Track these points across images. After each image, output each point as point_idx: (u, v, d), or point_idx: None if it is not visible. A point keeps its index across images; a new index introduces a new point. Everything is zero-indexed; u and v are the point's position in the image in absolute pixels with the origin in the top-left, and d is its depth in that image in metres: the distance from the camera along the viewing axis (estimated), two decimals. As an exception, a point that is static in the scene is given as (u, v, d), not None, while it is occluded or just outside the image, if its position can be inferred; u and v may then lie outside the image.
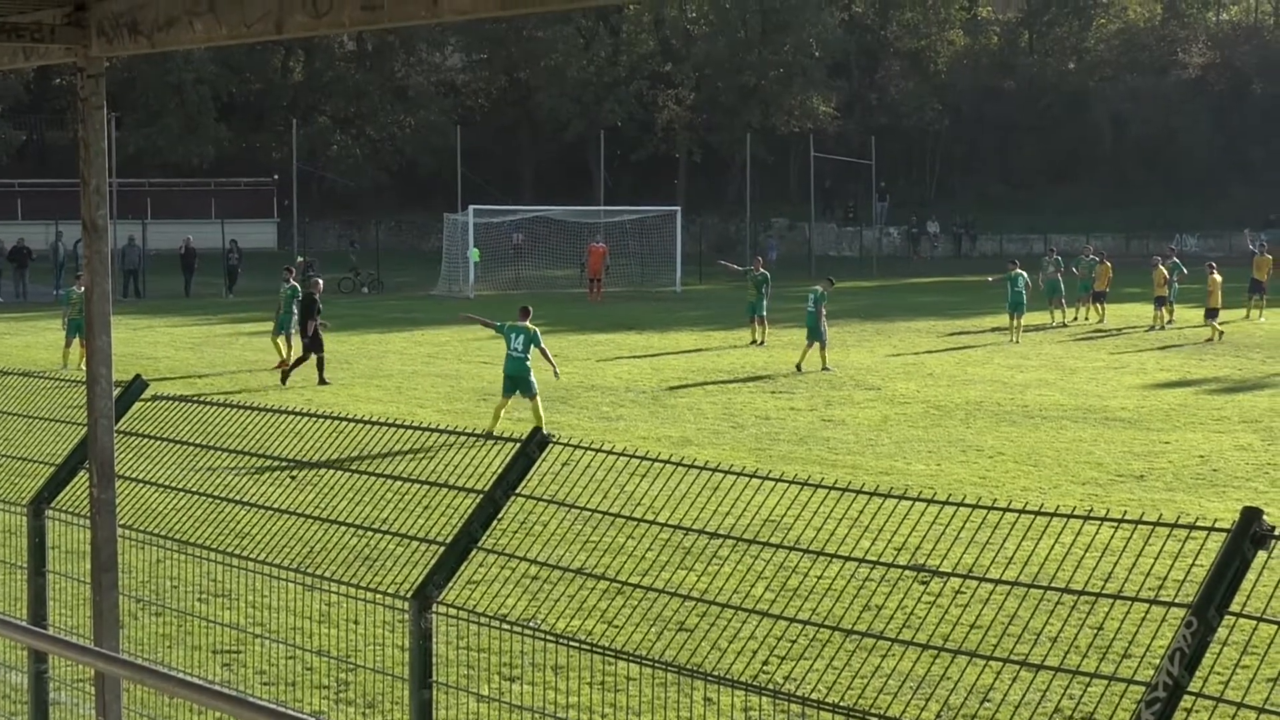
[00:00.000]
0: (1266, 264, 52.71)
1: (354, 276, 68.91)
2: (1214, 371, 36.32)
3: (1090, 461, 24.00)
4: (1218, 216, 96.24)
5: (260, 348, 42.26)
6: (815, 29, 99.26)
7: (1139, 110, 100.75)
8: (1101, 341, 44.17)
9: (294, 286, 38.51)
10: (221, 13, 6.64)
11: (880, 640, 7.33)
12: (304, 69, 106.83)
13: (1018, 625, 11.44)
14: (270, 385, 33.98)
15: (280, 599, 11.04)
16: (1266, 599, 6.09)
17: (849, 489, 6.99)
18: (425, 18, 5.89)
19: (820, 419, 28.69)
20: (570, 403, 30.93)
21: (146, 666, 5.74)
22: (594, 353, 40.81)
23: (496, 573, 11.52)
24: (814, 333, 36.97)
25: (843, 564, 7.36)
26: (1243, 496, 20.70)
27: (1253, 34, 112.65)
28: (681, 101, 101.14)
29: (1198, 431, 26.96)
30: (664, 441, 25.92)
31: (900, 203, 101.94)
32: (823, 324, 36.97)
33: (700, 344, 43.38)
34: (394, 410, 29.02)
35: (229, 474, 10.26)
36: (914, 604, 13.53)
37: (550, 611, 12.31)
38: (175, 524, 10.07)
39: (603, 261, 65.34)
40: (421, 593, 7.88)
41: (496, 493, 7.98)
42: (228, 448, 9.94)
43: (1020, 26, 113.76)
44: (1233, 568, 5.55)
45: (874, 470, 22.96)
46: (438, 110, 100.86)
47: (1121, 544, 6.81)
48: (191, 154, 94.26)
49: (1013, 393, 32.36)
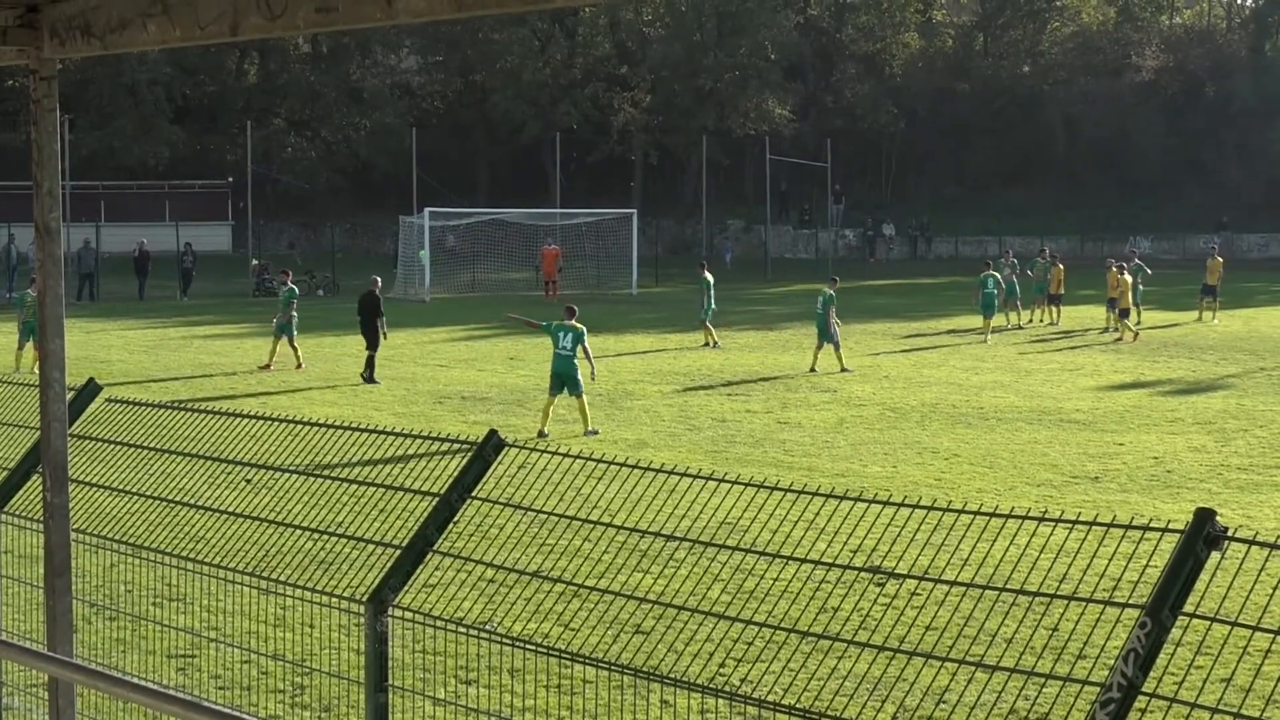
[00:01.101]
0: (1218, 267, 53.19)
1: (309, 279, 68.70)
2: (1168, 373, 36.52)
3: (1045, 463, 24.10)
4: (1171, 218, 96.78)
5: (214, 350, 42.12)
6: (771, 32, 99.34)
7: (1093, 112, 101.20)
8: (1056, 344, 44.36)
9: (292, 289, 39.48)
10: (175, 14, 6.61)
11: (836, 642, 7.35)
12: (259, 71, 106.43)
13: (973, 626, 11.47)
14: (226, 388, 33.83)
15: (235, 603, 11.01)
16: (1220, 600, 6.12)
17: (805, 491, 7.00)
18: (380, 19, 5.87)
19: (776, 421, 28.74)
20: (526, 405, 30.90)
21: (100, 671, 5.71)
22: (550, 355, 40.75)
23: (452, 576, 11.50)
24: (824, 334, 37.19)
25: (799, 566, 7.37)
26: (1196, 498, 20.82)
27: (1205, 37, 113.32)
28: (637, 104, 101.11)
29: (1152, 433, 27.10)
30: (620, 444, 25.93)
31: (856, 205, 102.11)
32: (833, 324, 37.19)
33: (656, 346, 43.41)
34: (349, 413, 28.95)
35: (184, 478, 10.22)
36: (870, 606, 13.56)
37: (507, 615, 12.30)
38: (129, 528, 10.02)
39: (556, 263, 65.62)
40: (377, 596, 7.87)
41: (452, 496, 7.96)
42: (182, 451, 9.90)
43: (975, 29, 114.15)
44: (1186, 569, 5.57)
45: (830, 472, 23.01)
46: (393, 112, 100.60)
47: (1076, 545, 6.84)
48: (145, 156, 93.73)
49: (968, 395, 32.47)
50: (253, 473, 9.74)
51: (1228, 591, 6.19)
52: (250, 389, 33.64)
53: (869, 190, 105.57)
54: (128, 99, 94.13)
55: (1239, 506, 20.42)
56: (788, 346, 42.95)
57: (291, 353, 38.11)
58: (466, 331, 48.01)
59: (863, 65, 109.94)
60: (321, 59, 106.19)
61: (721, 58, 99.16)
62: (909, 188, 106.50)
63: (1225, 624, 6.01)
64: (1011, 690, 11.16)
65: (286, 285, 39.86)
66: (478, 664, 12.11)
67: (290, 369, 37.45)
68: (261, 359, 38.60)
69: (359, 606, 8.04)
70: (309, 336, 46.35)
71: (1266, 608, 6.96)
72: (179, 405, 10.17)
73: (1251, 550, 5.73)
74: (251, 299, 64.81)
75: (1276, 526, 18.91)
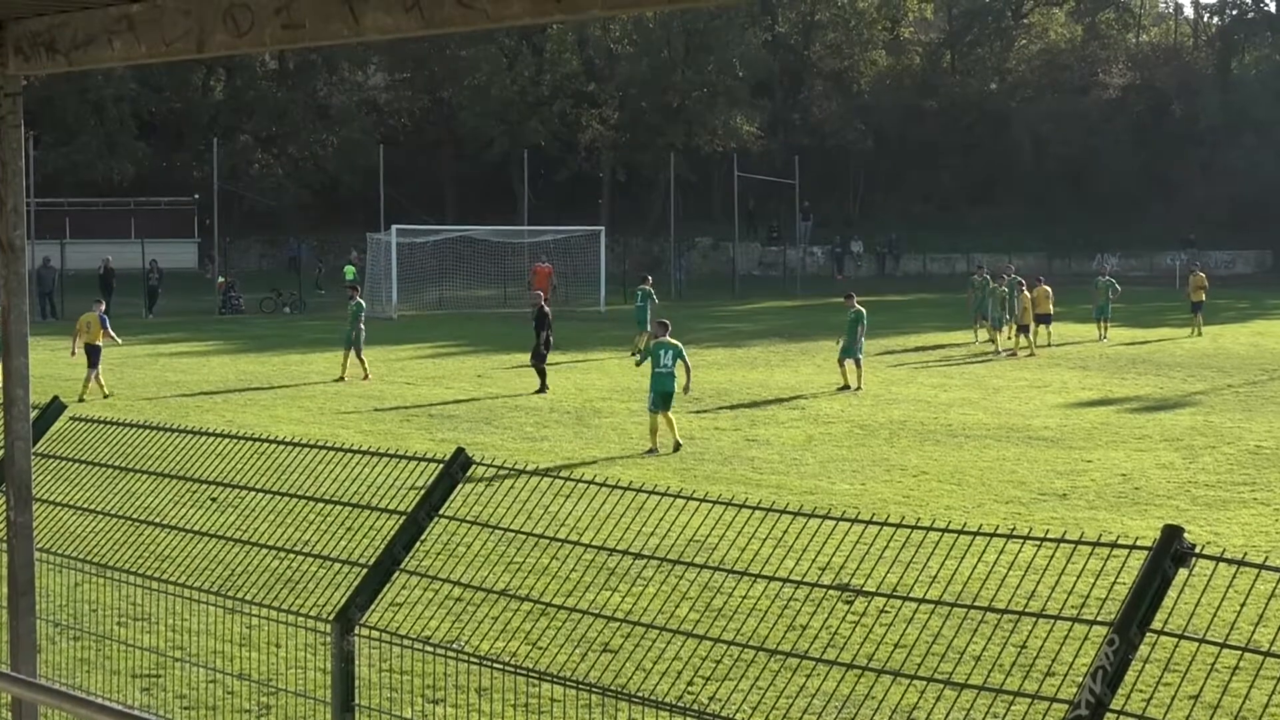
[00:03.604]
0: (1202, 282, 53.68)
1: (275, 296, 68.59)
2: (1135, 390, 36.64)
3: (1013, 480, 24.15)
4: (1139, 236, 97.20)
5: (180, 369, 42.01)
6: (738, 49, 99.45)
7: (1060, 130, 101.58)
8: (1024, 361, 44.47)
9: (359, 303, 41.10)
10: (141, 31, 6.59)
11: (805, 660, 7.35)
12: (225, 87, 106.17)
13: (941, 644, 11.48)
14: (191, 406, 33.73)
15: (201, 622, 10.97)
16: (1187, 617, 6.14)
17: (773, 509, 7.01)
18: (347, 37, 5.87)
19: (744, 439, 28.75)
20: (494, 423, 30.87)
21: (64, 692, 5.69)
22: (518, 372, 40.77)
23: (420, 594, 11.48)
24: (850, 350, 37.28)
25: (767, 584, 7.38)
26: (1164, 515, 20.89)
27: (1172, 55, 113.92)
28: (605, 121, 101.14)
29: (1120, 450, 27.18)
30: (588, 461, 25.91)
31: (824, 222, 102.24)
32: (860, 341, 37.48)
33: (624, 364, 43.41)
34: (316, 431, 28.88)
35: (149, 496, 10.19)
36: (838, 623, 13.57)
37: (474, 633, 12.27)
38: (94, 547, 9.98)
39: (549, 280, 65.57)
40: (344, 615, 7.85)
41: (419, 514, 7.95)
42: (147, 470, 9.87)
43: (942, 47, 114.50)
44: (1154, 586, 5.59)
45: (798, 490, 23.02)
46: (360, 129, 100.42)
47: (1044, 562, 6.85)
48: (111, 173, 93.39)
49: (936, 412, 32.53)
50: (218, 491, 9.71)
51: (1195, 608, 6.21)
52: (216, 406, 33.54)
53: (837, 207, 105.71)
54: (93, 115, 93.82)
55: (1206, 523, 20.48)
56: (755, 364, 43.00)
57: (359, 365, 39.47)
58: (434, 349, 47.96)
59: (831, 83, 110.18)
60: (288, 75, 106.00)
61: (689, 75, 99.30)
62: (877, 205, 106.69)
63: (1193, 641, 6.03)
64: (980, 708, 11.17)
65: (354, 300, 41.51)
66: (445, 683, 12.08)
67: (358, 380, 38.71)
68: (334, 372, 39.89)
69: (325, 625, 8.02)
70: (274, 354, 46.31)
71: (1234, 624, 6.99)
72: (143, 424, 10.13)
73: (1219, 567, 5.75)
74: (218, 317, 64.66)
75: (1243, 544, 18.97)
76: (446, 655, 8.91)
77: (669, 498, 7.18)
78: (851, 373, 37.12)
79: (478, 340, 52.26)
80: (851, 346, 37.26)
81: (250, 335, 55.03)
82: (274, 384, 38.20)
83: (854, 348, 37.28)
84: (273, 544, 9.22)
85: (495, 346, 49.39)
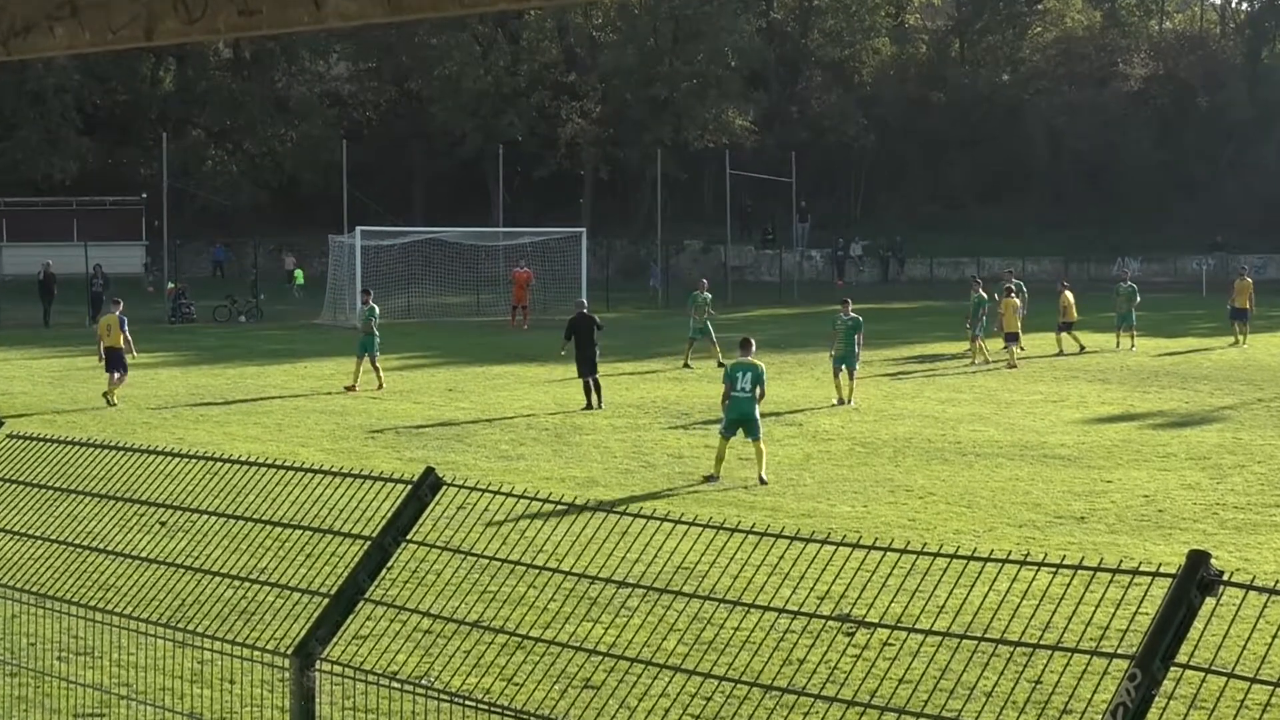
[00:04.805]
0: (1248, 288, 53.77)
1: (230, 304, 68.54)
2: (1159, 405, 36.68)
3: (1027, 502, 24.17)
4: (1162, 239, 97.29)
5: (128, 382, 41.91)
6: (731, 37, 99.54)
7: (1077, 124, 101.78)
8: (1039, 373, 44.51)
9: (372, 308, 41.68)
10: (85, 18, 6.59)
11: (803, 697, 7.34)
12: (175, 78, 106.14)
13: (950, 679, 11.49)
14: (139, 422, 33.69)
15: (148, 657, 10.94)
16: (1215, 649, 6.15)
17: (768, 533, 7.01)
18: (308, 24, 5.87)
19: (737, 458, 28.74)
20: (466, 440, 30.86)
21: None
22: (492, 385, 40.76)
23: (386, 626, 11.46)
24: (849, 360, 37.34)
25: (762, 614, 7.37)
26: (1190, 539, 20.91)
27: (1198, 44, 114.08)
28: (587, 114, 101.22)
29: (1142, 469, 27.20)
30: (568, 482, 25.90)
31: (823, 224, 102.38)
32: (858, 351, 37.68)
33: (607, 375, 43.39)
34: (274, 449, 28.85)
35: (92, 520, 10.16)
36: (838, 657, 13.57)
37: (445, 668, 12.26)
38: (33, 575, 9.96)
39: (528, 286, 65.63)
40: (303, 649, 7.83)
41: (385, 539, 7.94)
42: (91, 491, 9.84)
43: (950, 35, 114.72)
44: (1179, 616, 5.59)
45: (795, 513, 23.02)
46: (322, 123, 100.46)
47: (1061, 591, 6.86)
48: (52, 170, 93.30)
49: (944, 428, 32.55)
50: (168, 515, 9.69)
51: (1223, 640, 6.22)
52: (165, 423, 33.49)
53: (837, 208, 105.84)
54: (33, 108, 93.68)
55: (1235, 548, 20.51)
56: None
57: (375, 373, 40.31)
58: (401, 360, 47.91)
59: (830, 73, 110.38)
60: (244, 65, 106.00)
61: (678, 65, 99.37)
62: (880, 205, 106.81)
63: (1221, 675, 6.03)
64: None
65: (367, 305, 42.03)
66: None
67: (373, 389, 39.59)
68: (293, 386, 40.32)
69: (284, 660, 8.00)
70: (229, 367, 46.26)
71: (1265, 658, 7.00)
72: (88, 442, 10.11)
73: (1249, 596, 5.75)
74: (168, 325, 64.58)
75: (1276, 570, 19.00)
76: (415, 692, 8.89)
77: (656, 521, 7.18)
78: (844, 385, 37.14)
79: (449, 351, 52.24)
80: (849, 356, 37.28)
81: (203, 346, 54.99)
82: (228, 399, 38.16)
83: (851, 357, 37.31)
84: (227, 572, 9.20)
85: (468, 358, 49.37)
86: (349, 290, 65.43)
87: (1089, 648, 6.50)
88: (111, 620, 9.33)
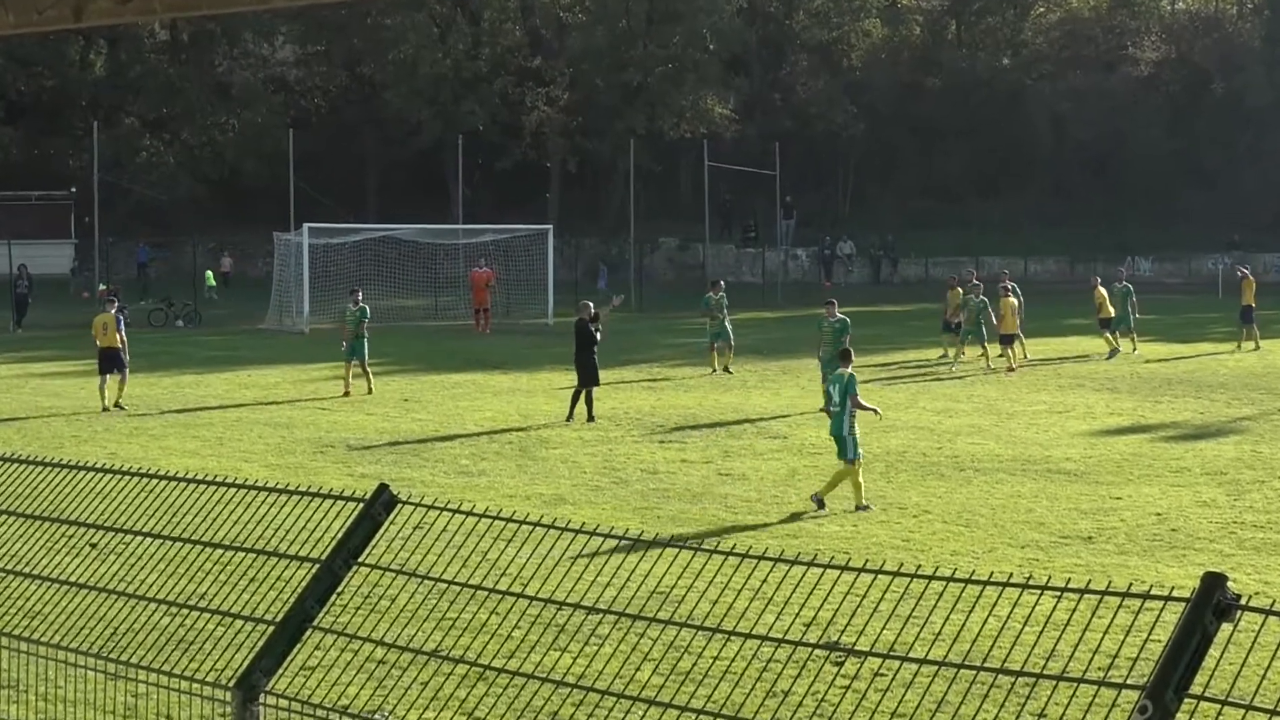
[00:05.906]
0: (1252, 286, 54.28)
1: (166, 308, 68.41)
2: (1172, 415, 36.75)
3: (1030, 521, 24.20)
4: (1174, 234, 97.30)
5: (54, 391, 41.84)
6: (709, 18, 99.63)
7: (1082, 111, 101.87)
8: (1042, 381, 44.60)
9: (363, 308, 42.56)
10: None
11: (787, 732, 7.36)
12: (107, 62, 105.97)
13: (947, 711, 11.50)
14: (68, 435, 33.62)
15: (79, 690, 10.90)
16: (1232, 679, 6.17)
17: (750, 555, 7.01)
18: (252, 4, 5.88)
19: (717, 472, 28.76)
20: (422, 455, 30.83)
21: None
22: (451, 395, 40.74)
23: (336, 656, 11.45)
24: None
25: (743, 642, 7.38)
26: (1205, 560, 20.95)
27: (1213, 25, 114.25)
28: (554, 102, 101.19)
29: (1154, 485, 27.26)
30: (534, 500, 25.89)
31: (809, 220, 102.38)
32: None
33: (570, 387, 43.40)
34: (214, 465, 28.80)
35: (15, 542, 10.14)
36: (826, 689, 13.58)
37: (400, 701, 12.24)
38: (-48, 602, 9.92)
39: (488, 288, 65.52)
40: (246, 681, 7.82)
41: (335, 562, 7.93)
42: (14, 511, 9.82)
43: (946, 16, 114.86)
44: (1193, 643, 5.60)
45: (780, 533, 23.04)
46: (266, 110, 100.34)
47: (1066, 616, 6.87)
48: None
49: (940, 441, 32.59)
50: (99, 536, 9.66)
51: (1241, 669, 6.23)
52: (96, 436, 33.42)
53: (824, 203, 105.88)
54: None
55: (1254, 570, 20.57)
56: (729, 385, 43.04)
57: (365, 378, 41.39)
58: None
59: (816, 57, 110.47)
60: (181, 48, 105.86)
61: (652, 48, 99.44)
62: (870, 200, 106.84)
63: (1239, 707, 6.05)
64: (992, 787, 11.20)
65: (357, 305, 42.77)
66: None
67: (362, 394, 40.50)
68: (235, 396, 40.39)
69: (225, 693, 7.99)
70: (164, 375, 46.16)
71: (1286, 688, 7.02)
72: (11, 457, 10.08)
73: (1269, 621, 5.77)
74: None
75: (1298, 593, 19.06)
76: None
77: (628, 542, 7.18)
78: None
79: (404, 358, 52.19)
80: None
81: (137, 352, 54.79)
82: (164, 409, 38.08)
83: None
84: (164, 598, 9.18)
85: (425, 365, 49.34)
86: (295, 292, 65.31)
87: (1097, 677, 6.52)
88: (38, 651, 9.30)
